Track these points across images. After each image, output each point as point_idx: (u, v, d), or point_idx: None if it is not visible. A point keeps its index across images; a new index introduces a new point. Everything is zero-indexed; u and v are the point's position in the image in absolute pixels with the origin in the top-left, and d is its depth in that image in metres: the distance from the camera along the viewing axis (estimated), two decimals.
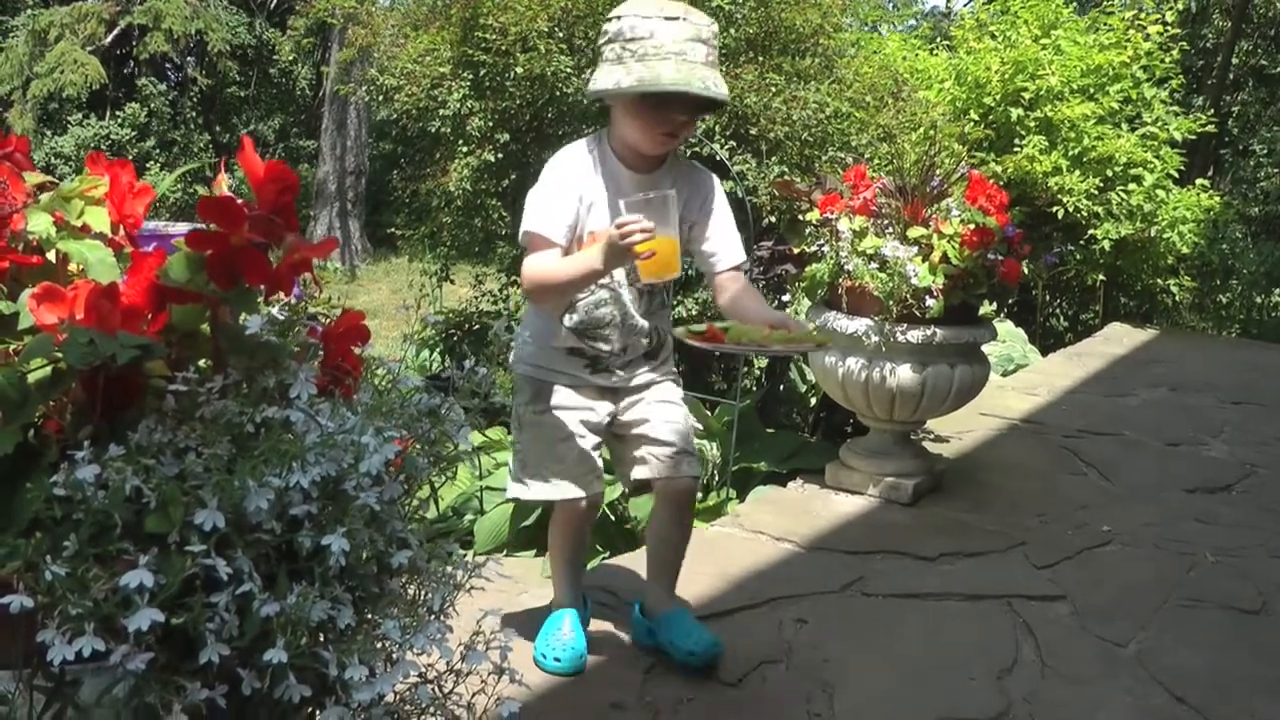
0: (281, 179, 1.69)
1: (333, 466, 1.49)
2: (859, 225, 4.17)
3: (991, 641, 3.35)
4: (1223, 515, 4.64)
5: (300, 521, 1.46)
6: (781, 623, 3.40)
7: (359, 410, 1.62)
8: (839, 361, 4.31)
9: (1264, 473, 5.24)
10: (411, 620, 1.54)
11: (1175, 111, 9.67)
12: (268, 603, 1.39)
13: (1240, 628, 3.61)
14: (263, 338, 1.57)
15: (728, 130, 5.70)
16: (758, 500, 4.50)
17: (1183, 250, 9.01)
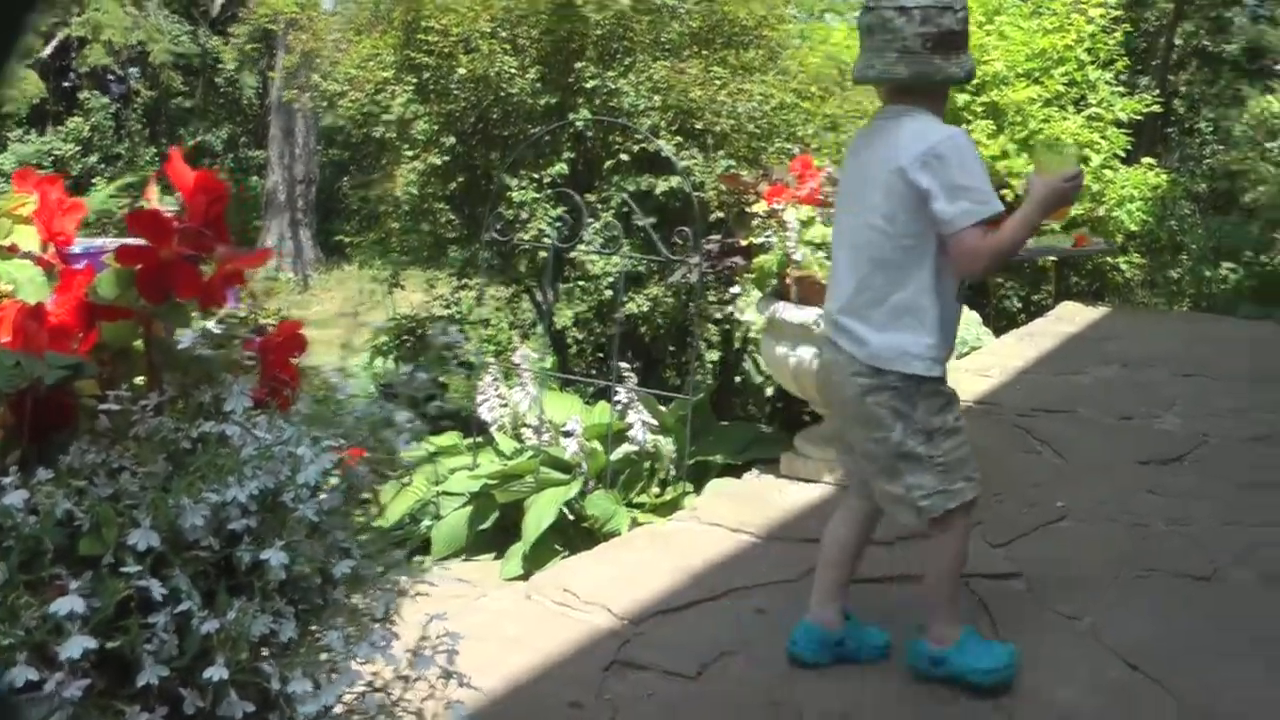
0: (211, 190, 1.68)
1: (270, 479, 1.49)
2: (806, 215, 4.19)
3: None
4: (1175, 486, 4.68)
5: (239, 536, 1.46)
6: (740, 613, 3.41)
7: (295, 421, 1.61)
8: (790, 352, 4.32)
9: (1215, 442, 5.28)
10: (355, 630, 1.54)
11: (1120, 92, 9.76)
12: (207, 620, 1.39)
13: (1193, 595, 3.66)
14: (196, 352, 1.56)
15: (674, 125, 5.71)
16: (714, 493, 4.50)
17: (1131, 228, 9.10)
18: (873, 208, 2.76)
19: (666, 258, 4.68)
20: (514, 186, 5.71)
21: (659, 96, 5.69)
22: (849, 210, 2.90)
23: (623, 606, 3.42)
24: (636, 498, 4.67)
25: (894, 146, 2.73)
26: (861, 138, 2.99)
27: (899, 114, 2.78)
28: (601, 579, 3.66)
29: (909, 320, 2.76)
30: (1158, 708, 2.99)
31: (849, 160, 3.01)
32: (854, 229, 2.83)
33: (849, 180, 2.97)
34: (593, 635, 3.27)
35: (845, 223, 2.92)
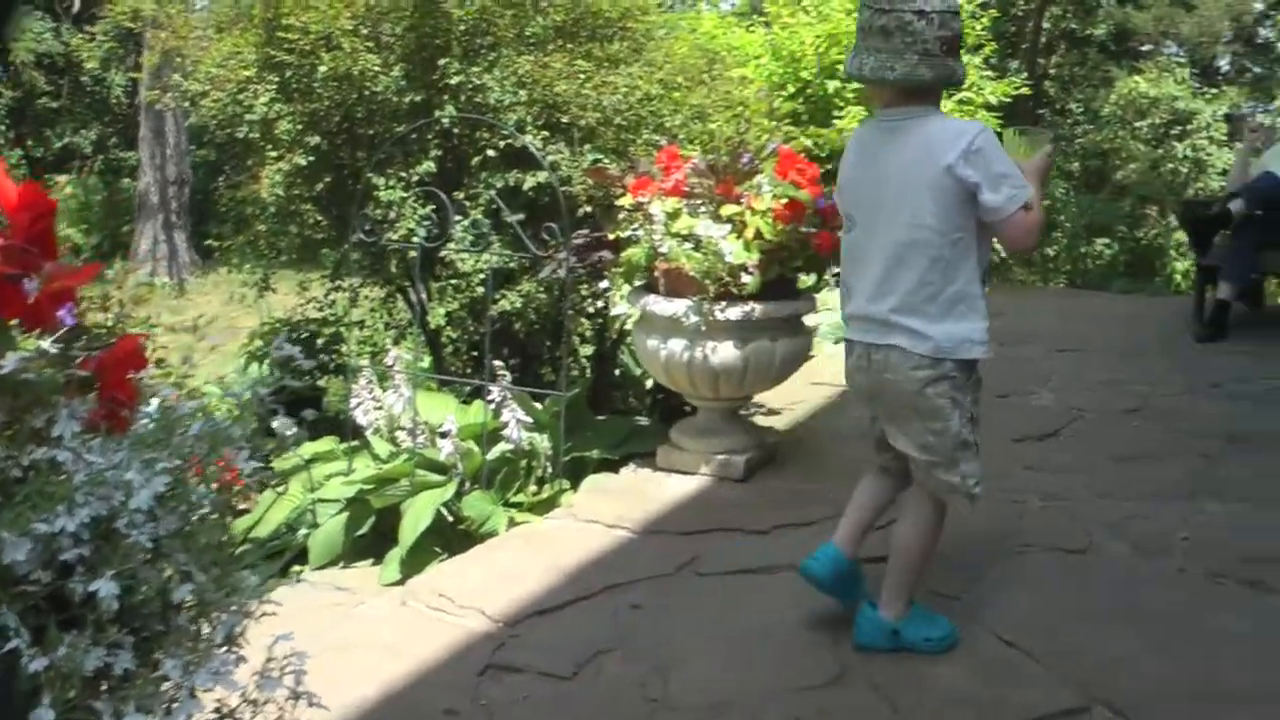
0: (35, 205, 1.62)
1: (103, 506, 1.43)
2: (672, 207, 4.19)
3: (825, 609, 3.37)
4: (1051, 461, 4.77)
5: (72, 567, 1.41)
6: (617, 610, 3.41)
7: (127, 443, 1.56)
8: (661, 345, 4.32)
9: (1090, 416, 5.39)
10: (195, 657, 1.49)
11: (990, 76, 9.91)
12: (36, 658, 1.33)
13: (1067, 568, 3.74)
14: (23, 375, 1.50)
15: (540, 120, 5.67)
16: (591, 489, 4.49)
17: None
18: (919, 208, 2.87)
19: (534, 254, 4.65)
20: (381, 186, 5.63)
21: (525, 91, 5.64)
22: (881, 213, 2.96)
23: (498, 608, 3.39)
24: (514, 497, 4.63)
25: (932, 147, 2.86)
26: (872, 141, 3.07)
27: (915, 115, 2.92)
28: (477, 581, 3.63)
29: (962, 309, 2.91)
30: (1034, 682, 3.05)
31: (859, 165, 3.09)
32: (896, 230, 2.91)
33: (870, 185, 3.03)
34: (468, 639, 3.25)
35: (879, 225, 2.97)
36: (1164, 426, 5.25)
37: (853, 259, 3.10)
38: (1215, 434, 5.10)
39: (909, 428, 3.00)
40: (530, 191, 5.59)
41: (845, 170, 3.16)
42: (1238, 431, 5.16)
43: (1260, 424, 5.30)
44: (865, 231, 3.03)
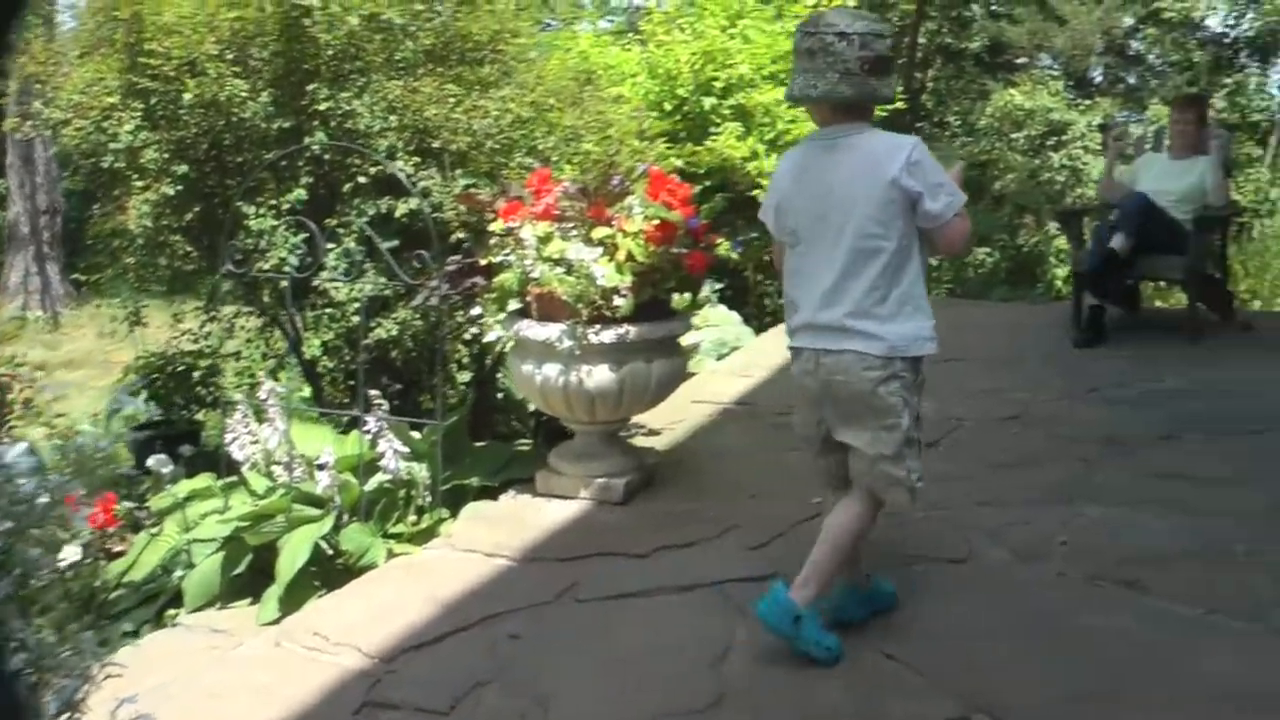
0: None
1: None
2: (543, 231, 4.16)
3: (706, 630, 3.39)
4: (931, 470, 4.71)
5: None
6: (496, 641, 3.37)
7: None
8: (536, 370, 4.29)
9: (970, 425, 5.46)
10: None
11: None
12: None
13: (948, 578, 3.79)
14: None
15: (411, 145, 5.60)
16: (469, 517, 4.43)
17: None
18: (866, 219, 3.07)
19: (406, 283, 4.59)
20: (251, 215, 5.53)
21: (395, 116, 5.57)
22: (827, 227, 3.13)
23: (374, 644, 3.34)
24: (393, 528, 4.55)
25: (875, 161, 3.08)
26: (809, 160, 3.24)
27: (853, 132, 3.13)
28: (353, 617, 3.57)
29: (909, 309, 3.13)
30: (916, 695, 3.08)
31: (799, 184, 3.23)
32: (845, 241, 3.09)
33: (812, 202, 3.17)
34: (343, 678, 3.19)
35: (825, 239, 3.13)
36: (1043, 432, 5.33)
37: (798, 273, 3.23)
38: (1093, 438, 5.20)
39: (861, 425, 3.15)
40: (403, 218, 5.52)
41: (782, 190, 3.29)
42: (1115, 435, 5.26)
43: (1136, 427, 5.41)
44: (810, 246, 3.17)
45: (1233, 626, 3.42)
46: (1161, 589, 3.65)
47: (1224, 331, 7.73)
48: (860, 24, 3.05)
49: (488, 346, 5.34)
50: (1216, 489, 4.56)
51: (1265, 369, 6.59)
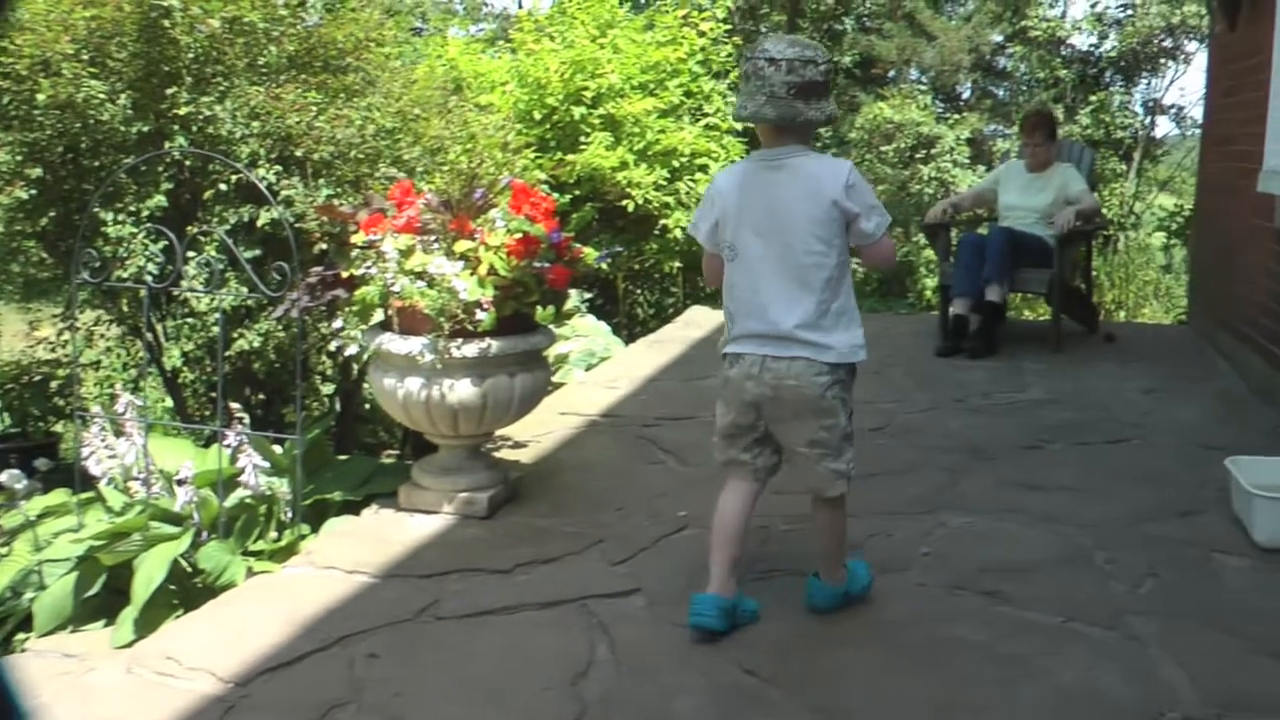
0: None
1: None
2: (405, 243, 4.11)
3: (567, 647, 3.36)
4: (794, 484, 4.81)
5: None
6: (353, 661, 3.30)
7: None
8: (398, 383, 4.23)
9: None
10: None
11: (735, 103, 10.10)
12: None
13: None
14: None
15: (273, 153, 5.51)
16: (330, 534, 4.35)
17: None
18: (809, 237, 3.29)
19: (266, 294, 4.50)
20: (110, 221, 5.39)
21: (257, 123, 5.47)
22: (772, 242, 3.33)
23: (229, 668, 3.25)
24: (253, 545, 4.45)
25: (817, 184, 3.28)
26: (753, 178, 3.40)
27: (793, 154, 3.33)
28: (208, 640, 3.47)
29: (846, 320, 3.39)
30: (774, 709, 3.08)
31: (744, 200, 3.38)
32: (792, 256, 3.31)
33: (757, 217, 3.35)
34: (196, 704, 3.09)
35: (771, 254, 3.33)
36: (908, 443, 5.39)
37: (738, 286, 3.42)
38: (957, 448, 5.27)
39: (804, 426, 3.38)
40: (266, 227, 5.43)
41: (723, 206, 3.42)
42: (979, 445, 5.35)
43: (1000, 437, 5.51)
44: (751, 260, 3.36)
45: (1090, 634, 3.47)
46: (1021, 598, 3.71)
47: (1088, 343, 7.92)
48: (791, 51, 3.24)
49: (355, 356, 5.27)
50: (1078, 498, 4.65)
51: (1127, 380, 6.77)
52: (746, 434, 3.48)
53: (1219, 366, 7.18)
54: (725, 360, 3.47)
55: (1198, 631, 3.48)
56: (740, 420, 3.46)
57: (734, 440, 3.52)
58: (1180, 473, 4.97)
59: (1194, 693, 3.12)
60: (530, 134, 8.67)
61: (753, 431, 3.47)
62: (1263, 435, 5.52)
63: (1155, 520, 4.40)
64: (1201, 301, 8.58)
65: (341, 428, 6.32)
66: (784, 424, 3.41)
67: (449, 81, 7.34)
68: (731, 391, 3.45)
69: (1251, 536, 4.15)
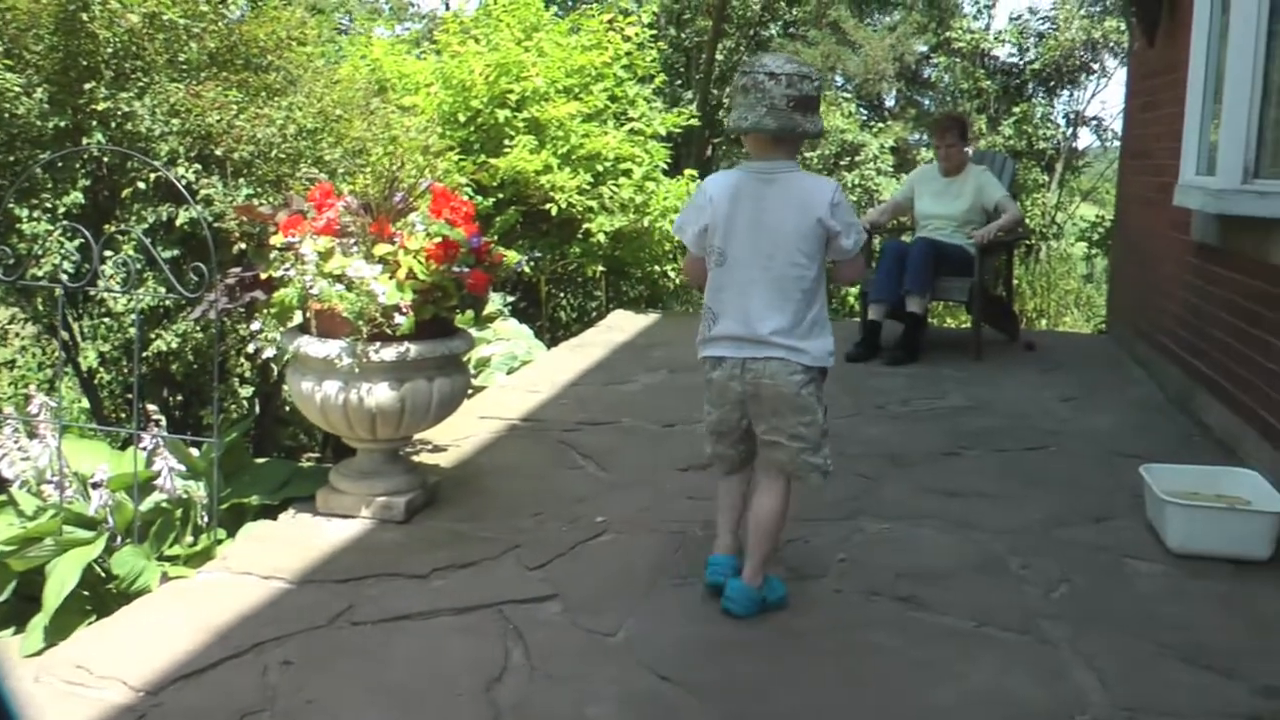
0: None
1: None
2: (324, 246, 4.08)
3: (482, 653, 3.35)
4: (713, 489, 4.82)
5: None
6: (266, 668, 3.26)
7: None
8: (316, 386, 4.20)
9: None
10: None
11: (659, 108, 10.13)
12: None
13: None
14: None
15: (193, 151, 5.44)
16: (247, 538, 4.29)
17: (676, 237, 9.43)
18: (793, 250, 3.50)
19: (184, 295, 4.44)
20: (25, 218, 5.30)
21: (177, 120, 5.40)
22: (758, 252, 3.52)
23: (141, 676, 3.19)
24: (169, 550, 4.39)
25: (806, 202, 3.50)
26: (744, 188, 3.57)
27: (781, 170, 3.54)
28: (120, 647, 3.42)
29: (818, 329, 3.58)
30: (687, 714, 3.08)
31: (734, 208, 3.55)
32: (776, 267, 3.51)
33: (746, 227, 3.54)
34: (106, 714, 3.04)
35: (756, 262, 3.53)
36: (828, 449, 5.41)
37: (723, 289, 3.60)
38: (876, 455, 5.32)
39: (785, 422, 3.57)
40: (185, 226, 5.36)
41: (713, 212, 3.58)
42: (897, 452, 5.40)
43: (918, 443, 5.57)
44: (737, 266, 3.55)
45: (1003, 639, 3.52)
46: (936, 603, 3.75)
47: (1009, 351, 8.02)
48: (789, 66, 3.47)
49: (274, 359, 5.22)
50: (994, 505, 4.72)
51: (1046, 388, 6.87)
52: (734, 430, 3.70)
53: (1136, 375, 7.31)
54: (707, 363, 3.69)
55: (1109, 636, 3.54)
56: (727, 418, 3.69)
57: (723, 437, 3.75)
58: (1096, 480, 5.06)
59: (1104, 696, 3.18)
60: (454, 136, 8.62)
61: (739, 428, 3.69)
62: (1178, 443, 5.63)
63: (1070, 526, 4.48)
64: (1120, 311, 8.71)
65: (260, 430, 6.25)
66: (766, 420, 3.61)
67: (373, 82, 7.29)
68: (716, 392, 3.68)
69: (1164, 542, 4.23)
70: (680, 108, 11.33)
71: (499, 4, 9.57)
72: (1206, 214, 5.79)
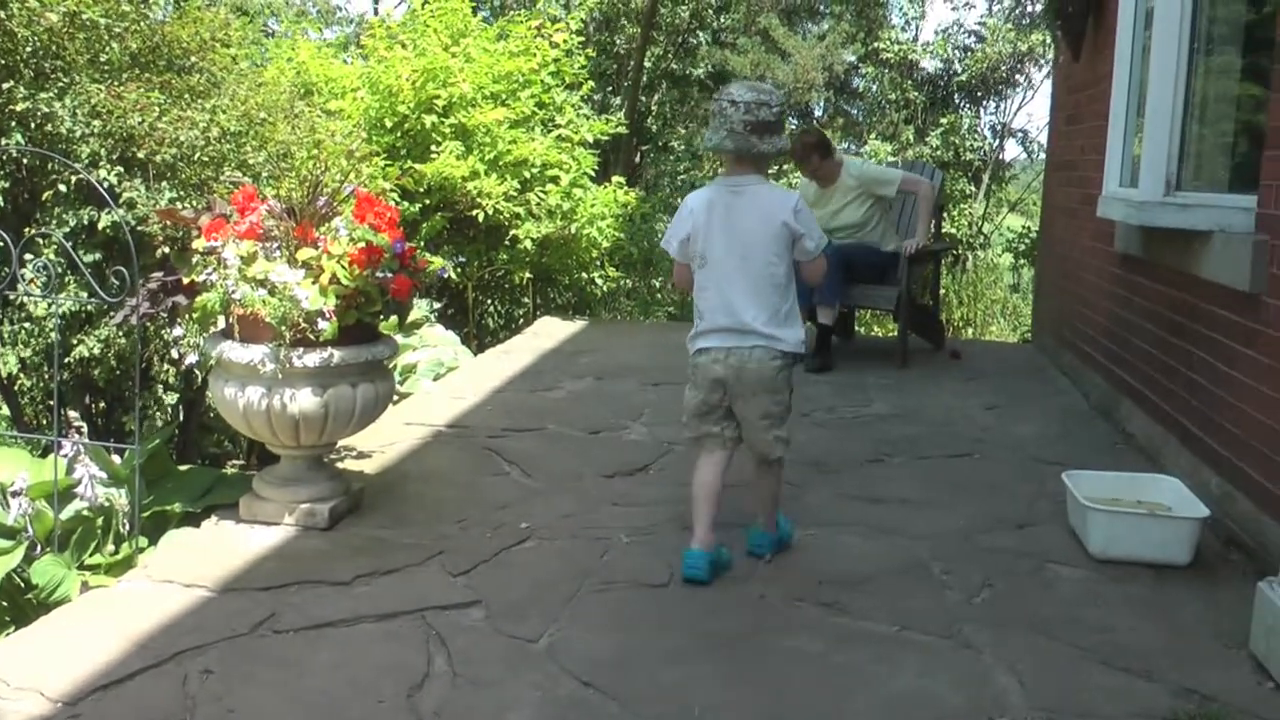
0: None
1: None
2: (247, 250, 4.04)
3: (404, 659, 3.33)
4: (639, 496, 4.87)
5: None
6: (187, 677, 3.22)
7: None
8: (239, 392, 4.15)
9: (680, 449, 5.53)
10: None
11: (587, 115, 10.13)
12: None
13: (648, 603, 3.82)
14: None
15: (115, 154, 5.37)
16: (168, 546, 4.23)
17: (604, 244, 9.46)
18: (766, 251, 3.99)
19: (105, 300, 4.38)
20: None
21: (99, 122, 5.33)
22: (733, 255, 4.00)
23: (59, 687, 3.13)
24: (90, 559, 4.33)
25: (773, 209, 3.99)
26: (719, 200, 4.05)
27: (751, 183, 4.02)
28: (38, 658, 3.35)
29: (790, 319, 4.07)
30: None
31: (711, 217, 4.03)
32: (753, 267, 3.99)
33: (723, 233, 4.02)
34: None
35: (734, 264, 4.00)
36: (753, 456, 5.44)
37: (707, 289, 4.06)
38: (801, 461, 5.33)
39: (760, 401, 4.04)
40: (108, 230, 5.29)
41: (693, 223, 4.07)
42: (822, 459, 5.45)
43: (843, 450, 5.63)
44: (718, 268, 4.02)
45: (925, 643, 3.55)
46: (859, 608, 3.78)
47: (935, 359, 8.10)
48: (749, 95, 3.92)
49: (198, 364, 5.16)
50: (917, 511, 4.77)
51: (970, 396, 6.95)
52: (715, 410, 4.10)
53: (1061, 384, 7.41)
54: (696, 353, 4.11)
55: (1030, 639, 3.59)
56: (709, 398, 4.09)
57: (705, 417, 4.12)
58: (1019, 486, 5.13)
59: (1024, 698, 3.21)
60: (381, 142, 8.58)
61: (719, 407, 4.09)
62: (1100, 450, 5.71)
63: (992, 532, 4.54)
64: (1045, 321, 8.82)
65: (184, 437, 6.18)
66: (743, 399, 4.05)
67: (299, 85, 7.23)
68: (701, 375, 4.10)
69: (1086, 548, 4.29)
70: (609, 115, 11.36)
71: (426, 9, 9.53)
72: (1130, 226, 5.88)
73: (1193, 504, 4.33)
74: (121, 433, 5.32)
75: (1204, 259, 4.89)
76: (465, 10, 9.53)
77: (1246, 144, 4.99)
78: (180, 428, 6.08)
